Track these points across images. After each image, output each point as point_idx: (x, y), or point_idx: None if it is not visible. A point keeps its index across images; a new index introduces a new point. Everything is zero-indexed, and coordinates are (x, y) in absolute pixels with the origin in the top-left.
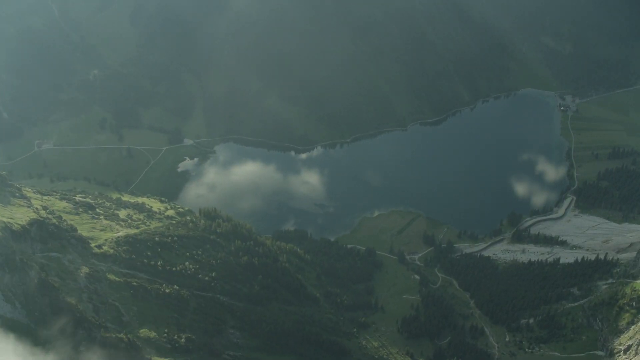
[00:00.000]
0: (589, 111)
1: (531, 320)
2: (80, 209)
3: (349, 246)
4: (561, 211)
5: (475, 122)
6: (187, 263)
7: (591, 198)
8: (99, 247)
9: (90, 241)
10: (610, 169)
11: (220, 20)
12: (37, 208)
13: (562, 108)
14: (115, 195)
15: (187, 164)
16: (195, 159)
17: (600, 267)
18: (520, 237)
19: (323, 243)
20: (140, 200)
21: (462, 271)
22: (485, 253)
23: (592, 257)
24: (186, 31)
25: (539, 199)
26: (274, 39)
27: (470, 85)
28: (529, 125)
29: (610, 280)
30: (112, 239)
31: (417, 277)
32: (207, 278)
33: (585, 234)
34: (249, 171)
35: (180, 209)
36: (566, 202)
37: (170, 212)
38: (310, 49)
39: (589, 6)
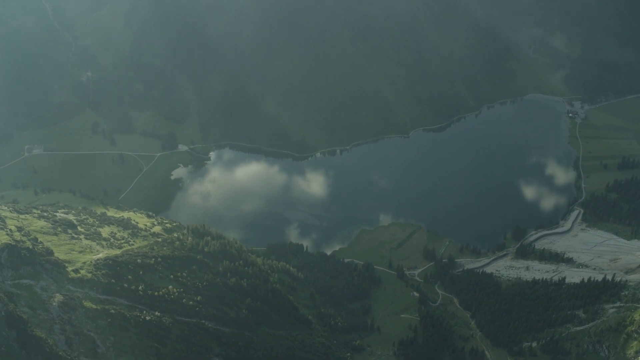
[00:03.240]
0: (598, 118)
1: (534, 344)
2: (59, 229)
3: (346, 260)
4: (568, 225)
5: (480, 129)
6: (170, 287)
7: (599, 211)
8: (76, 271)
9: (66, 265)
10: (619, 180)
11: (217, 21)
12: (11, 230)
13: (570, 115)
14: (100, 210)
15: (180, 171)
16: (190, 166)
17: (607, 289)
18: (525, 252)
19: (319, 257)
20: (126, 215)
21: (463, 289)
22: (488, 269)
23: (600, 277)
24: (182, 32)
25: (545, 211)
26: (272, 41)
27: (475, 90)
28: (535, 133)
29: (618, 304)
30: (91, 261)
31: (416, 294)
32: (191, 302)
33: (593, 251)
34: (244, 179)
35: (167, 225)
36: (573, 215)
37: (157, 229)
38: (309, 51)
39: (598, 8)
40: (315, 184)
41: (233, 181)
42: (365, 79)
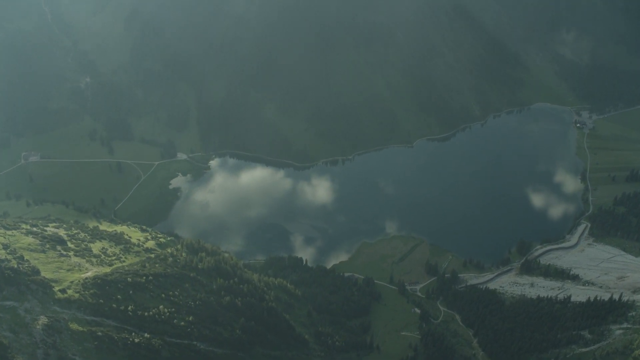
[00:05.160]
0: (607, 128)
1: None
2: (48, 245)
3: (346, 274)
4: (574, 239)
5: (486, 139)
6: (161, 306)
7: (607, 225)
8: (63, 291)
9: (53, 284)
10: (627, 193)
11: (219, 27)
12: None
13: (578, 125)
14: (92, 224)
15: (179, 180)
16: (188, 175)
17: (614, 309)
18: (530, 268)
19: (318, 271)
20: (119, 229)
21: (465, 305)
22: (492, 285)
23: (606, 296)
24: (182, 37)
25: (551, 224)
26: (274, 47)
27: (481, 99)
28: (542, 143)
29: (625, 325)
30: (79, 280)
31: (417, 310)
32: (183, 323)
33: (599, 268)
34: (244, 189)
35: (161, 240)
36: (580, 229)
37: (150, 244)
38: (311, 58)
39: (608, 15)
40: (316, 195)
41: (232, 191)
42: (369, 87)
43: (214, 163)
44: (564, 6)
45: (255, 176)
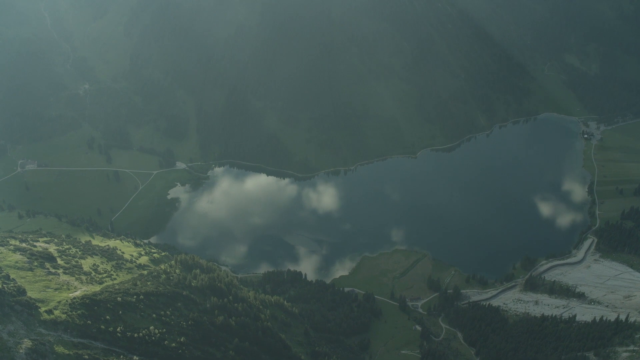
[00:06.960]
0: (615, 140)
1: None
2: (36, 263)
3: (346, 289)
4: (580, 254)
5: (491, 150)
6: (152, 327)
7: (614, 240)
8: (50, 312)
9: (39, 305)
10: (635, 207)
11: (220, 35)
12: None
13: (586, 136)
14: (84, 239)
15: (177, 190)
16: (187, 185)
17: (620, 330)
18: (534, 284)
19: (318, 286)
20: (112, 243)
21: (468, 323)
22: (495, 302)
23: (612, 316)
24: (183, 45)
25: (556, 238)
26: (275, 55)
27: (487, 109)
28: (548, 155)
29: (631, 347)
30: (66, 300)
31: (418, 327)
32: (174, 344)
33: (606, 285)
34: (243, 200)
35: (155, 255)
36: (586, 244)
37: (144, 259)
38: (313, 66)
39: (617, 23)
40: (317, 206)
41: (232, 202)
42: (372, 96)
43: (213, 173)
44: (572, 15)
45: (255, 186)
